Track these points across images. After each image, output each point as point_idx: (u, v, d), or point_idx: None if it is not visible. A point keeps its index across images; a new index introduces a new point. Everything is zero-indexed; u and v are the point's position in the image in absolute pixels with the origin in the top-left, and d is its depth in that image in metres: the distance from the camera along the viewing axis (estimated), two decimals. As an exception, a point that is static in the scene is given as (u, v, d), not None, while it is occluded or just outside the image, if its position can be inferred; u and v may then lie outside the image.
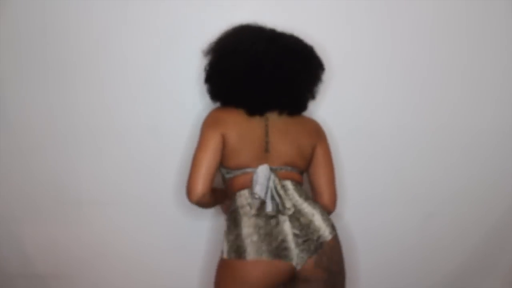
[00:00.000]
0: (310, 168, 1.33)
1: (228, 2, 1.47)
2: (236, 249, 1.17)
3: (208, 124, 1.26)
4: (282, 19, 1.46)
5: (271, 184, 1.20)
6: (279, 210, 1.19)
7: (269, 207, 1.18)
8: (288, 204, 1.19)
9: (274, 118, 1.29)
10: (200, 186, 1.19)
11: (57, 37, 1.47)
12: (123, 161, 1.55)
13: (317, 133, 1.34)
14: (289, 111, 1.30)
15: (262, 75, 1.23)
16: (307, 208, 1.22)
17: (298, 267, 1.16)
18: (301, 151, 1.28)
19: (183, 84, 1.50)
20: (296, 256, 1.16)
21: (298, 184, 1.27)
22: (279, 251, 1.15)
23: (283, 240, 1.16)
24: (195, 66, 1.48)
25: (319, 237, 1.18)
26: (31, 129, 1.53)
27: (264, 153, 1.25)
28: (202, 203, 1.25)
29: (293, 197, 1.22)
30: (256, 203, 1.20)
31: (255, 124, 1.27)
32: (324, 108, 1.51)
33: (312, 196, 1.32)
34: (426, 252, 1.64)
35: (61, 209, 1.58)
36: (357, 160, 1.54)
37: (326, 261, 1.17)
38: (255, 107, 1.27)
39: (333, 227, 1.22)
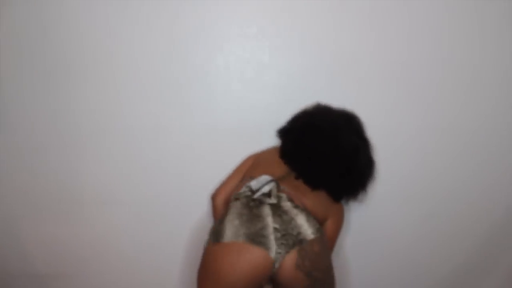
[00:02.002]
0: None
1: (232, 4, 1.47)
2: (216, 232, 1.17)
3: (256, 153, 1.46)
4: (283, 18, 1.48)
5: (266, 188, 1.22)
6: (262, 199, 1.20)
7: (257, 194, 1.21)
8: (273, 197, 1.20)
9: None
10: (218, 190, 1.42)
11: (59, 36, 1.47)
12: (125, 161, 1.55)
13: (336, 208, 1.34)
14: (303, 180, 1.30)
15: (298, 142, 1.33)
16: (292, 210, 1.19)
17: (277, 265, 1.11)
18: (314, 204, 1.27)
19: (186, 84, 1.51)
20: (275, 250, 1.12)
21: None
22: (256, 236, 1.13)
23: (262, 228, 1.14)
24: (199, 66, 1.49)
25: (299, 233, 1.14)
26: (32, 128, 1.53)
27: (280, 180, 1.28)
28: (213, 206, 1.41)
29: (283, 201, 1.21)
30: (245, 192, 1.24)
31: (284, 164, 1.34)
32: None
33: None
34: (425, 252, 1.64)
35: (62, 209, 1.58)
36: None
37: (308, 265, 1.13)
38: (282, 155, 1.36)
39: (318, 231, 1.17)
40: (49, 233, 1.60)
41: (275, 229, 1.14)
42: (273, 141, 1.52)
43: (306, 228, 1.16)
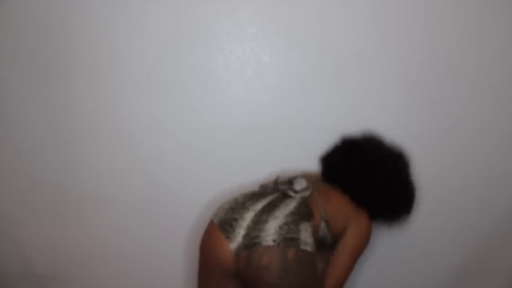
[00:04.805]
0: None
1: (232, 4, 1.46)
2: None
3: None
4: (283, 18, 1.48)
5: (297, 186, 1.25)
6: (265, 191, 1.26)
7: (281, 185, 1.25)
8: (292, 192, 1.23)
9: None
10: None
11: (57, 36, 1.46)
12: (124, 161, 1.55)
13: (360, 219, 1.28)
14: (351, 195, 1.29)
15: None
16: (281, 212, 1.15)
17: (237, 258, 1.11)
18: (335, 212, 1.25)
19: (186, 84, 1.51)
20: (237, 242, 1.10)
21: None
22: (225, 223, 1.14)
23: (235, 220, 1.14)
24: (199, 66, 1.49)
25: (257, 236, 1.09)
26: (31, 128, 1.53)
27: None
28: None
29: (293, 200, 1.22)
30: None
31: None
32: (323, 108, 1.52)
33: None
34: (425, 253, 1.63)
35: (61, 209, 1.58)
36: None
37: (250, 275, 1.07)
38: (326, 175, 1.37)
39: (286, 241, 1.07)
40: (48, 234, 1.59)
41: (248, 226, 1.12)
42: (273, 141, 1.52)
43: (269, 233, 1.09)
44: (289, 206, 1.17)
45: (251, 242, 1.08)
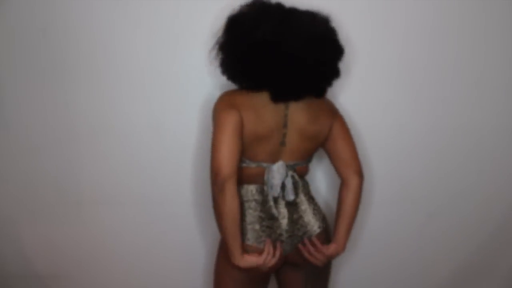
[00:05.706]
0: (328, 144, 1.30)
1: (233, 3, 1.44)
2: None
3: (223, 106, 1.18)
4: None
5: (288, 183, 1.26)
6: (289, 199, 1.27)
7: (290, 197, 1.27)
8: (291, 194, 1.28)
9: (294, 105, 1.21)
10: (226, 166, 1.12)
11: (57, 36, 1.46)
12: (124, 161, 1.55)
13: (332, 112, 1.31)
14: (315, 94, 1.24)
15: (288, 62, 1.13)
16: (303, 205, 1.30)
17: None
18: (317, 138, 1.28)
19: (185, 83, 1.51)
20: (289, 246, 1.27)
21: (303, 178, 1.33)
22: (276, 241, 1.26)
23: (281, 235, 1.26)
24: (198, 64, 1.48)
25: (304, 232, 1.28)
26: (30, 128, 1.53)
27: (280, 147, 1.25)
28: (228, 187, 1.13)
29: (299, 196, 1.30)
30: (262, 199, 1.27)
31: (273, 111, 1.20)
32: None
33: (336, 171, 1.32)
34: (425, 253, 1.64)
35: (61, 209, 1.58)
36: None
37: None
38: (281, 94, 1.19)
39: (323, 220, 1.31)
40: (47, 234, 1.60)
41: (286, 230, 1.26)
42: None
43: (312, 224, 1.29)
44: (301, 196, 1.30)
45: (301, 239, 1.27)
